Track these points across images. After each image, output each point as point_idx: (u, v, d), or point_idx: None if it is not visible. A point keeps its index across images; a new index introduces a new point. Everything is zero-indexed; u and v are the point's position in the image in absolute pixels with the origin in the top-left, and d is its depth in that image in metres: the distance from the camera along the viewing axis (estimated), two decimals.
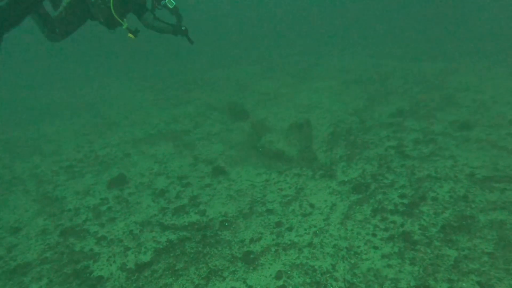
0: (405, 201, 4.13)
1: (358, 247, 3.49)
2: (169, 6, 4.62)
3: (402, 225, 3.73)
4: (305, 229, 3.91)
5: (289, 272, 3.26)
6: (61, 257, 3.78)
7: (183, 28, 4.68)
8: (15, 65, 17.59)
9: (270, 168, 5.43)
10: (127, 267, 3.55)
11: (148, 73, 13.60)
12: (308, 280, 3.13)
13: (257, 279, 3.21)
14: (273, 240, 3.77)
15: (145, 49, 19.03)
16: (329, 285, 3.05)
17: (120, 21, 4.34)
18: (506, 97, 6.98)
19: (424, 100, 7.46)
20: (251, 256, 3.54)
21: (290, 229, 3.95)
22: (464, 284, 2.87)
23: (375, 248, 3.44)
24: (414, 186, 4.39)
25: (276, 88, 9.63)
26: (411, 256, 3.25)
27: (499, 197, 3.91)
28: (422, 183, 4.42)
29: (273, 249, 3.60)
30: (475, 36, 14.32)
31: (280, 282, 3.14)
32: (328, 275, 3.17)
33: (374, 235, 3.65)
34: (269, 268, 3.34)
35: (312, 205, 4.33)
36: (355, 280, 3.07)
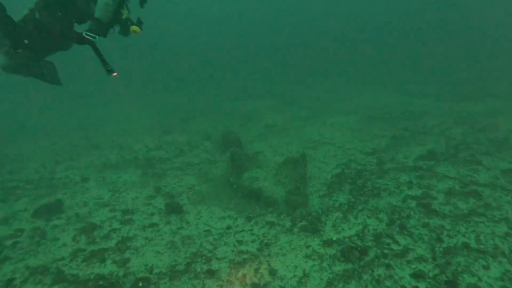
0: (421, 286, 2.50)
1: None
2: None
3: None
4: None
5: None
6: None
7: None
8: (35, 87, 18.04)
9: (242, 211, 4.07)
10: None
11: (159, 101, 13.21)
12: None
13: None
14: None
15: (165, 77, 19.22)
16: None
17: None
18: None
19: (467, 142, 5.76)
20: None
21: None
22: None
23: None
24: (439, 261, 2.74)
25: (285, 121, 8.44)
26: None
27: None
28: (454, 258, 2.77)
29: None
30: None
31: None
32: None
33: None
34: None
35: (273, 272, 2.85)
36: None
